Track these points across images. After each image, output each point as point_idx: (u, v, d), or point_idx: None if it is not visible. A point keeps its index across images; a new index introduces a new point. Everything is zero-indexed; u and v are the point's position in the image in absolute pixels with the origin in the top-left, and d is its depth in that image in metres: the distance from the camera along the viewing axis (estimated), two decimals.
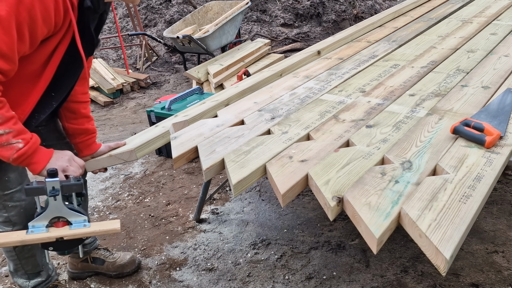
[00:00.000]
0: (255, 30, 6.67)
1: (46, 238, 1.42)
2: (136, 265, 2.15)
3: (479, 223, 2.31)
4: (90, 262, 2.10)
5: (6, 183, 1.57)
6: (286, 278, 2.04)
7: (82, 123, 1.74)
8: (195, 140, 1.72)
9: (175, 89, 5.27)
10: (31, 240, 1.42)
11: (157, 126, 1.96)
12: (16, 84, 1.39)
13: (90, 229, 1.44)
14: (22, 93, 1.43)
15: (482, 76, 2.10)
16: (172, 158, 1.63)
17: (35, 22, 1.25)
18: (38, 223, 1.43)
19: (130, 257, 2.14)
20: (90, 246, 2.10)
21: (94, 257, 2.10)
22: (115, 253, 2.15)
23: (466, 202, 1.21)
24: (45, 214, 1.42)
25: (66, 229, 1.43)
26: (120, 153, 1.74)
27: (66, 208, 1.42)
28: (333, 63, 2.54)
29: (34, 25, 1.26)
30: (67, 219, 1.44)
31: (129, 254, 2.17)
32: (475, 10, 3.48)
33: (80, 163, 1.55)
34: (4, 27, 1.21)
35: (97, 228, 1.45)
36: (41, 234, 1.42)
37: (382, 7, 7.64)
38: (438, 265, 1.08)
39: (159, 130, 1.88)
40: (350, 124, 1.73)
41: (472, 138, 1.51)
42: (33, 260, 1.80)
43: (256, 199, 2.72)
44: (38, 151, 1.42)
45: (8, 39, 1.23)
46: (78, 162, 1.55)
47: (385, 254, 2.14)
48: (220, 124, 1.85)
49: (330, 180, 1.35)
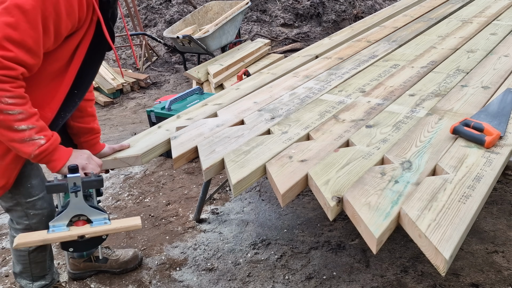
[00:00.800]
0: (255, 30, 6.67)
1: (68, 236, 1.40)
2: (139, 260, 2.19)
3: (479, 223, 2.31)
4: (93, 261, 2.12)
5: (29, 190, 1.57)
6: (286, 278, 2.04)
7: (88, 122, 1.74)
8: (195, 140, 1.72)
9: (175, 89, 5.27)
10: (52, 239, 1.40)
11: (160, 127, 1.94)
12: (43, 82, 1.40)
13: (111, 226, 1.43)
14: (49, 92, 1.43)
15: (482, 76, 2.10)
16: (172, 158, 1.63)
17: (60, 16, 1.26)
18: (59, 223, 1.42)
19: (133, 253, 2.18)
20: None
21: (97, 256, 2.12)
22: (117, 250, 2.18)
23: (466, 202, 1.21)
24: (66, 212, 1.41)
25: (87, 227, 1.43)
26: (125, 157, 1.72)
27: (87, 205, 1.42)
28: (333, 63, 2.54)
29: (59, 19, 1.26)
30: (88, 217, 1.44)
31: (131, 250, 2.20)
32: (475, 10, 3.48)
33: (99, 162, 1.55)
34: (30, 21, 1.22)
35: (119, 225, 1.44)
36: (62, 233, 1.40)
37: (382, 7, 7.63)
38: (438, 265, 1.08)
39: (164, 135, 1.84)
40: (350, 124, 1.73)
41: (472, 138, 1.51)
42: (43, 264, 1.81)
43: (256, 199, 2.72)
44: (59, 149, 1.42)
45: (34, 33, 1.23)
46: (97, 160, 1.55)
47: (385, 254, 2.14)
48: (220, 124, 1.85)
49: (330, 180, 1.35)
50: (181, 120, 1.98)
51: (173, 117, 2.02)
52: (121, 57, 6.43)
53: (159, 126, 1.95)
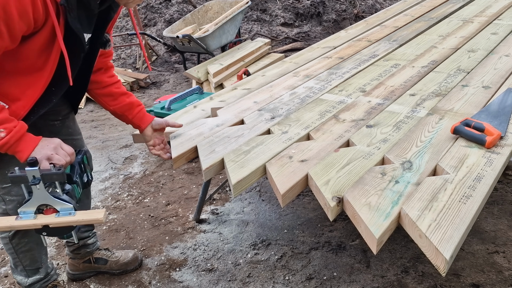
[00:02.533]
0: (255, 30, 6.67)
1: (33, 225, 1.43)
2: (139, 261, 2.19)
3: (480, 223, 2.31)
4: (93, 262, 2.11)
5: (6, 177, 1.58)
6: (286, 279, 2.04)
7: (123, 100, 1.77)
8: (194, 140, 1.71)
9: (175, 89, 5.27)
10: (19, 226, 1.43)
11: (195, 107, 2.11)
12: (12, 77, 1.40)
13: (75, 218, 1.45)
14: (19, 88, 1.42)
15: (482, 76, 2.10)
16: (172, 158, 1.63)
17: (11, 18, 1.26)
18: (27, 209, 1.44)
19: (133, 254, 2.18)
20: (93, 246, 2.10)
21: (97, 257, 2.12)
22: (116, 252, 2.17)
23: (466, 202, 1.21)
24: (31, 201, 1.43)
25: (52, 217, 1.44)
26: (167, 132, 1.84)
27: (50, 196, 1.42)
28: (334, 62, 2.54)
29: (10, 21, 1.26)
30: (53, 207, 1.44)
31: (131, 251, 2.19)
32: (475, 9, 3.47)
33: (69, 151, 1.51)
34: None
35: (82, 217, 1.45)
36: (28, 221, 1.43)
37: (383, 6, 7.63)
38: (438, 265, 1.07)
39: (200, 114, 2.02)
40: (350, 124, 1.73)
41: (472, 138, 1.50)
42: (31, 255, 1.81)
43: (256, 199, 2.72)
44: (23, 139, 1.41)
45: None
46: (66, 149, 1.51)
47: (385, 255, 2.13)
48: (220, 123, 1.85)
49: (330, 180, 1.35)
50: (215, 101, 2.13)
51: (207, 98, 2.22)
52: (121, 56, 6.43)
53: (194, 106, 2.12)
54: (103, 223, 2.21)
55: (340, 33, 3.23)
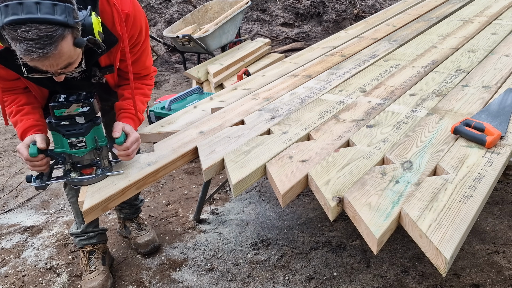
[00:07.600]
0: (255, 30, 6.66)
1: None
2: (150, 248, 2.27)
3: (480, 223, 2.31)
4: (123, 228, 2.39)
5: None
6: (287, 279, 2.04)
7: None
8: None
9: (175, 89, 5.27)
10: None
11: (195, 107, 2.10)
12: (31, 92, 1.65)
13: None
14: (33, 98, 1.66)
15: (483, 76, 2.10)
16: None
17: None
18: None
19: (147, 240, 2.28)
20: (126, 215, 2.33)
21: (126, 225, 2.37)
22: (144, 228, 2.33)
23: (467, 202, 1.21)
24: None
25: None
26: (169, 132, 1.85)
27: None
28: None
29: None
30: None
31: (149, 235, 2.30)
32: (475, 9, 3.47)
33: None
34: None
35: None
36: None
37: (383, 6, 7.63)
38: (439, 265, 1.07)
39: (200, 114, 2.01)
40: (350, 124, 1.73)
41: (472, 138, 1.50)
42: (75, 207, 2.01)
43: (256, 199, 2.72)
44: None
45: None
46: None
47: (385, 255, 2.13)
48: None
49: (330, 180, 1.35)
50: (215, 101, 2.13)
51: (207, 98, 2.23)
52: None
53: (194, 106, 2.12)
54: None
55: (340, 33, 3.23)
